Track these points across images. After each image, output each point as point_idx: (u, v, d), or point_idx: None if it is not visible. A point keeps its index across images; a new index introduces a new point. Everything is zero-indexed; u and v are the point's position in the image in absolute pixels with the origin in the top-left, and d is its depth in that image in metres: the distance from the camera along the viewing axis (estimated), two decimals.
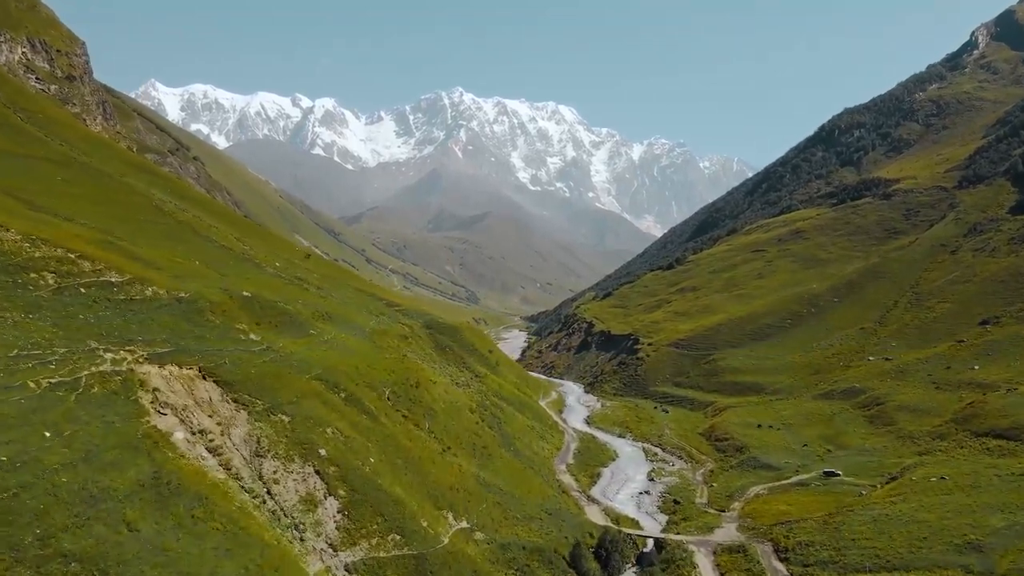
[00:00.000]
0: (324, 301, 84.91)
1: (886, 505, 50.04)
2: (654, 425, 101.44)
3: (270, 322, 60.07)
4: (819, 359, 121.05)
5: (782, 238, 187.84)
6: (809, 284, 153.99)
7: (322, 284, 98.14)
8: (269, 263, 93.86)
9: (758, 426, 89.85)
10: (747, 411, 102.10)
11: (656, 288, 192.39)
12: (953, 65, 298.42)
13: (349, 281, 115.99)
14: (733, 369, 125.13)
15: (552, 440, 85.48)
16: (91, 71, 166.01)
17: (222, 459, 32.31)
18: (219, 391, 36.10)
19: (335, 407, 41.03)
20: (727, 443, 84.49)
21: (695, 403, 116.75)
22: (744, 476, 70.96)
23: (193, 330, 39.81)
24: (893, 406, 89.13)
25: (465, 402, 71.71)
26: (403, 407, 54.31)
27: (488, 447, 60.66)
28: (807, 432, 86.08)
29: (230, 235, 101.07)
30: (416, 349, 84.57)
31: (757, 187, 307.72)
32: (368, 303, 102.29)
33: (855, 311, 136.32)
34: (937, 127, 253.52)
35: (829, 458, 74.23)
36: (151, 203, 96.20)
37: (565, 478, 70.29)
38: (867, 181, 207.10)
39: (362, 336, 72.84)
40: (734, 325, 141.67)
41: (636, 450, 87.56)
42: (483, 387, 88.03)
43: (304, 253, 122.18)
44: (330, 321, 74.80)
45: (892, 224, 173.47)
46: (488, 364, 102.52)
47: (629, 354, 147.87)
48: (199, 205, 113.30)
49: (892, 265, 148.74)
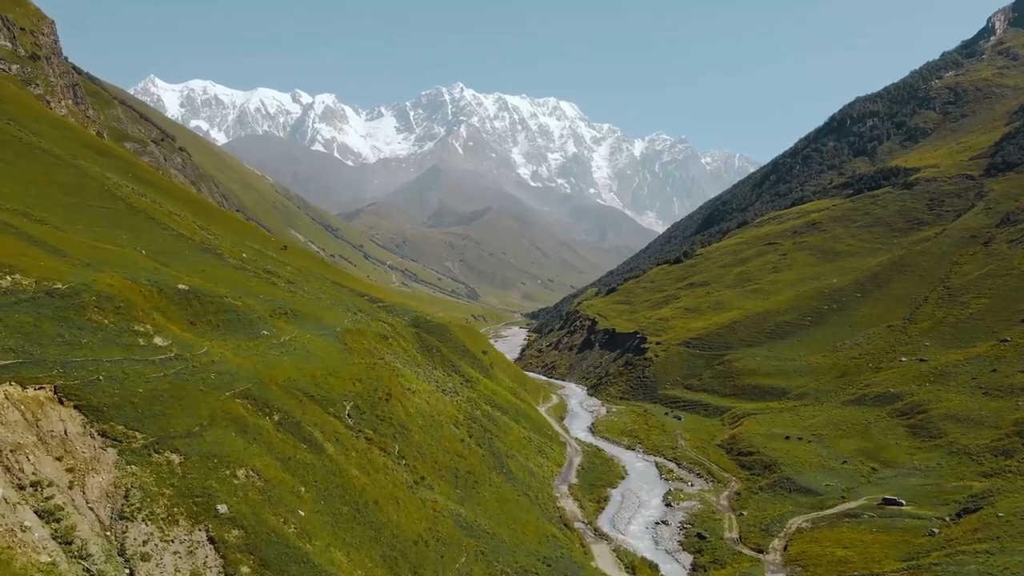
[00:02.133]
0: (292, 296, 74.51)
1: (979, 554, 39.18)
2: (666, 434, 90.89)
3: (209, 321, 49.64)
4: (845, 360, 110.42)
5: (797, 230, 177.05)
6: (829, 278, 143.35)
7: (295, 277, 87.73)
8: (234, 254, 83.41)
9: (786, 437, 79.17)
10: (770, 419, 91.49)
11: (663, 283, 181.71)
12: (969, 52, 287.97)
13: (329, 275, 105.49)
14: (750, 371, 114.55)
15: (552, 454, 75.00)
16: (60, 51, 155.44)
17: (60, 528, 21.81)
18: (81, 420, 25.64)
19: (259, 436, 30.53)
20: (753, 458, 73.86)
21: (710, 408, 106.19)
22: (779, 501, 60.44)
23: (62, 334, 29.33)
24: (939, 415, 78.60)
25: (451, 414, 61.25)
26: (367, 427, 43.89)
27: (474, 471, 50.21)
28: (843, 445, 75.49)
29: (193, 223, 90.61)
30: (397, 351, 74.14)
31: (765, 179, 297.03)
32: (348, 299, 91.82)
33: (881, 307, 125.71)
34: (955, 115, 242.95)
35: (876, 479, 63.70)
36: (102, 187, 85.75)
37: (567, 503, 59.89)
38: (885, 170, 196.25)
39: (331, 337, 62.43)
40: (750, 322, 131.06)
41: (648, 466, 76.97)
42: (474, 394, 77.59)
43: (281, 244, 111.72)
44: (294, 319, 64.40)
45: (915, 215, 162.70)
46: (481, 367, 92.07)
47: (636, 354, 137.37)
48: (163, 191, 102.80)
49: (919, 258, 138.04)
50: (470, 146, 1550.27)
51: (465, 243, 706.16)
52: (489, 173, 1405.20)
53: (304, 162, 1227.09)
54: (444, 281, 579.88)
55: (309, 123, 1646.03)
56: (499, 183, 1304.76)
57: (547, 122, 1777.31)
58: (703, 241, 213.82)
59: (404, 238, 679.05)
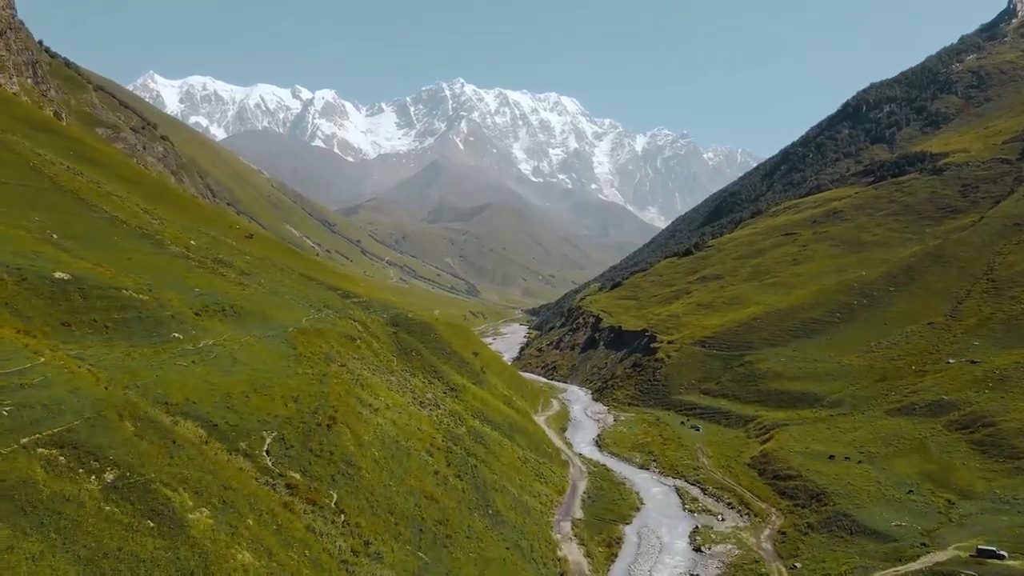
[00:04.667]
0: (241, 290, 62.19)
1: None
2: (685, 450, 78.49)
3: (93, 322, 37.37)
4: (883, 362, 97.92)
5: (817, 219, 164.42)
6: (856, 270, 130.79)
7: (253, 269, 75.42)
8: (179, 241, 71.12)
9: (829, 457, 66.69)
10: (805, 431, 79.04)
11: (673, 277, 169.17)
12: (991, 35, 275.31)
13: (299, 266, 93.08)
14: (775, 373, 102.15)
15: (552, 478, 62.68)
16: (18, 27, 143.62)
17: None
18: None
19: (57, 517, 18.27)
20: (794, 483, 61.47)
21: (732, 417, 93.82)
22: (839, 548, 47.97)
23: None
24: (1011, 429, 66.23)
25: (426, 436, 48.92)
26: (293, 467, 31.61)
27: (448, 519, 37.92)
28: (900, 467, 63.06)
29: (136, 206, 78.34)
30: (366, 355, 61.83)
31: (775, 169, 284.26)
32: (316, 293, 79.55)
33: (918, 302, 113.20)
34: (979, 99, 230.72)
35: (957, 516, 51.32)
36: (28, 163, 73.73)
37: (571, 549, 47.57)
38: (909, 156, 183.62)
39: (277, 339, 50.16)
40: (771, 319, 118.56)
41: (667, 491, 64.54)
42: (459, 406, 65.30)
43: (247, 232, 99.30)
44: (233, 318, 52.10)
45: (947, 201, 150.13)
46: (470, 371, 79.72)
47: (645, 354, 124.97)
48: (108, 171, 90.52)
49: (956, 248, 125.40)
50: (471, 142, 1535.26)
51: (465, 239, 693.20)
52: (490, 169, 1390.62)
53: (304, 158, 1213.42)
54: (443, 277, 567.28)
55: (309, 119, 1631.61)
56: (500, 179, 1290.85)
57: (548, 117, 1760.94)
58: (714, 232, 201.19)
59: (403, 234, 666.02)
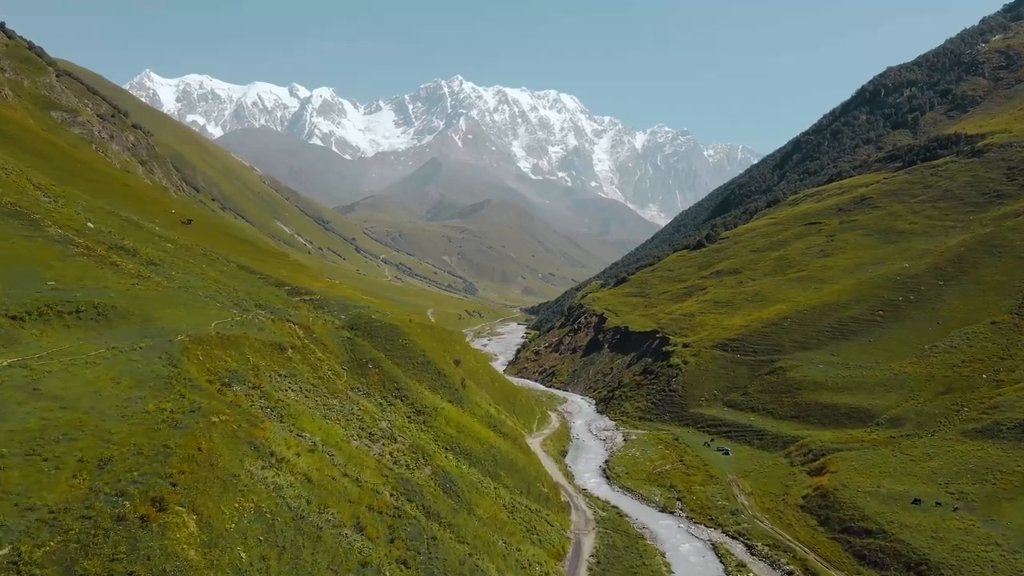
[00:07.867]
0: (130, 285, 46.31)
1: None
2: (715, 483, 62.76)
3: None
4: (945, 369, 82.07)
5: (843, 207, 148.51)
6: (895, 262, 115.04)
7: (167, 259, 59.51)
8: (72, 223, 55.23)
9: (914, 501, 50.90)
10: (867, 460, 63.22)
11: (684, 272, 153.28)
12: (1016, 15, 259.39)
13: (241, 258, 77.08)
14: (813, 383, 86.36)
15: (548, 536, 46.97)
16: None
17: None
18: None
19: None
20: (876, 543, 45.75)
21: (766, 437, 78.02)
22: None
23: None
24: None
25: (361, 493, 33.17)
26: None
27: None
28: (1014, 515, 47.41)
29: (27, 180, 62.49)
30: (299, 371, 45.96)
31: (787, 159, 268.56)
32: (249, 289, 63.64)
33: (974, 298, 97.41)
34: (1009, 80, 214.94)
35: None
36: None
37: None
38: (941, 139, 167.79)
39: (152, 353, 34.28)
40: (803, 318, 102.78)
41: (701, 550, 48.75)
42: (426, 435, 49.51)
43: (183, 217, 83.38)
44: (89, 322, 36.31)
45: (991, 186, 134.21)
46: (447, 386, 63.83)
47: (657, 358, 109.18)
48: (10, 143, 74.73)
49: (1012, 236, 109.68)
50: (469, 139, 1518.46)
51: (463, 236, 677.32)
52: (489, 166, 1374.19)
53: (301, 156, 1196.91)
54: (440, 275, 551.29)
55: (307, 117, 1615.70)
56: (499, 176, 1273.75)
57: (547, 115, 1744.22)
58: (726, 224, 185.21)
59: (400, 231, 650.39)
